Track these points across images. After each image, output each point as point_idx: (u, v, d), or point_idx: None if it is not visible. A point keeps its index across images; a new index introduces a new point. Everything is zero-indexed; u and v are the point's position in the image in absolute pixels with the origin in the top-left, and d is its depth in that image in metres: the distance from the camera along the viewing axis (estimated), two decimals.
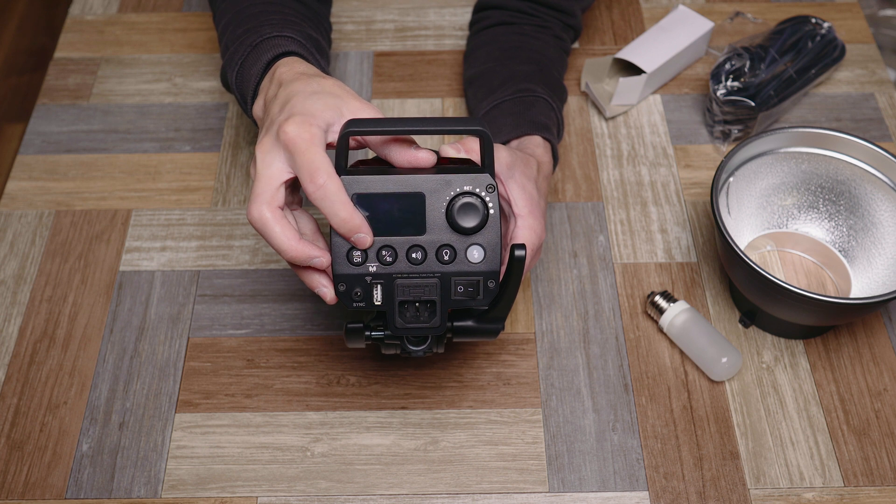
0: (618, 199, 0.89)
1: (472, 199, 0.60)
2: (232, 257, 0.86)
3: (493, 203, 0.60)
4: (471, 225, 0.60)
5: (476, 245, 0.60)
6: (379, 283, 0.60)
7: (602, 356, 0.79)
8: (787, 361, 0.79)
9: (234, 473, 0.73)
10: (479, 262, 0.61)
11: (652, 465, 0.73)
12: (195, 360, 0.79)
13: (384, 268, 0.60)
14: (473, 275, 0.61)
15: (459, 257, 0.60)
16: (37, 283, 0.84)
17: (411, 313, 0.61)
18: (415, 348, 0.64)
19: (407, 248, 0.60)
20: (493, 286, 0.61)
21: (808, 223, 0.84)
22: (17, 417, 0.76)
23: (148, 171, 0.92)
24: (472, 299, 0.61)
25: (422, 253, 0.60)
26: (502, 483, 0.72)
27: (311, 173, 0.58)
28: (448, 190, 0.60)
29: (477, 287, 0.61)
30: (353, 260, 0.60)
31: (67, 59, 1.03)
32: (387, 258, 0.60)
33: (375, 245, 0.60)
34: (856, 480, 0.72)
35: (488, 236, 0.60)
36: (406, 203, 0.60)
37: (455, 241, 0.60)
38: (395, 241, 0.60)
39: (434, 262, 0.60)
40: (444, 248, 0.60)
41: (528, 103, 0.81)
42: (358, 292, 0.60)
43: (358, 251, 0.60)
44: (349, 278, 0.60)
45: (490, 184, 0.60)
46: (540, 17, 0.90)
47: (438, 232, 0.60)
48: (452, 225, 0.60)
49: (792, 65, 0.93)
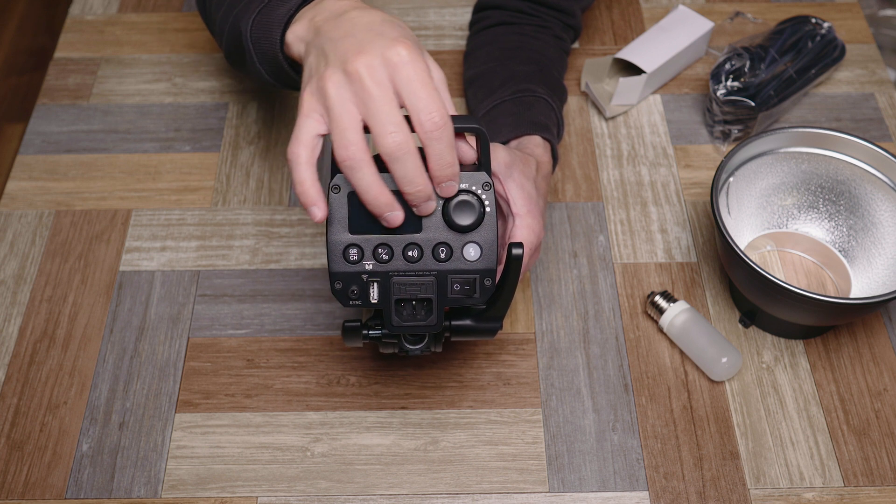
0: (618, 199, 0.89)
1: (469, 198, 0.60)
2: (232, 257, 0.86)
3: (489, 201, 0.60)
4: (467, 223, 0.60)
5: (472, 243, 0.60)
6: (375, 281, 0.60)
7: (602, 356, 0.79)
8: (787, 361, 0.79)
9: (234, 473, 0.73)
10: (476, 260, 0.60)
11: (652, 465, 0.73)
12: (195, 360, 0.79)
13: (380, 266, 0.60)
14: (470, 273, 0.61)
15: (456, 255, 0.60)
16: (37, 283, 0.84)
17: (408, 311, 0.61)
18: (412, 347, 0.64)
19: (403, 245, 0.60)
20: (489, 284, 0.61)
21: (808, 223, 0.84)
22: (17, 417, 0.76)
23: (148, 171, 0.92)
24: (468, 297, 0.61)
25: (418, 251, 0.60)
26: (502, 483, 0.72)
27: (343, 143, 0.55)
28: None
29: (473, 285, 0.61)
30: (349, 258, 0.60)
31: (67, 59, 1.03)
32: (383, 256, 0.60)
33: (372, 243, 0.60)
34: (856, 480, 0.72)
35: (485, 234, 0.60)
36: (402, 201, 0.60)
37: (451, 239, 0.60)
38: (391, 238, 0.60)
39: (430, 260, 0.60)
40: (440, 245, 0.60)
41: (528, 103, 0.81)
42: (354, 290, 0.60)
43: (354, 249, 0.60)
44: (345, 276, 0.60)
45: (486, 182, 0.60)
46: (540, 17, 0.90)
47: (435, 230, 0.60)
48: (449, 223, 0.60)
49: (792, 65, 0.93)
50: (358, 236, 0.60)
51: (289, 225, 0.88)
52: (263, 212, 0.89)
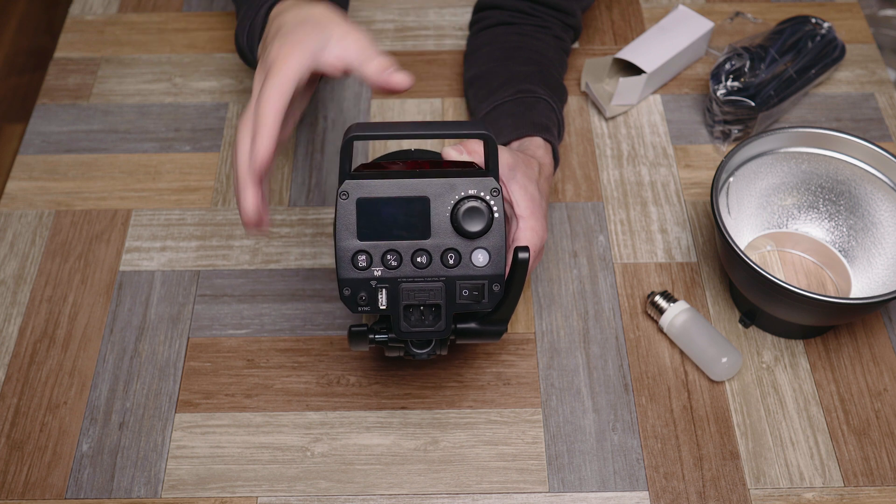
0: (618, 199, 0.89)
1: (478, 203, 0.60)
2: (232, 257, 0.86)
3: (497, 207, 0.60)
4: (476, 229, 0.60)
5: (481, 249, 0.60)
6: (384, 288, 0.60)
7: (602, 356, 0.79)
8: (787, 361, 0.79)
9: (234, 473, 0.73)
10: (484, 266, 0.60)
11: (652, 465, 0.73)
12: (195, 360, 0.79)
13: (389, 272, 0.60)
14: (478, 279, 0.61)
15: (464, 261, 0.60)
16: (37, 283, 0.84)
17: (416, 317, 0.61)
18: (419, 351, 0.64)
19: (412, 252, 0.60)
20: (497, 290, 0.61)
21: (808, 223, 0.84)
22: (17, 417, 0.76)
23: (148, 171, 0.92)
24: (476, 303, 0.61)
25: (426, 257, 0.60)
26: (502, 483, 0.72)
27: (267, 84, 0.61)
28: (453, 194, 0.60)
29: (482, 291, 0.61)
30: (357, 264, 0.60)
31: (67, 59, 1.03)
32: (392, 262, 0.60)
33: (380, 249, 0.60)
34: (856, 480, 0.72)
35: (493, 240, 0.60)
36: (411, 207, 0.60)
37: (460, 244, 0.60)
38: (399, 245, 0.60)
39: (439, 266, 0.60)
40: (448, 251, 0.60)
41: (529, 104, 0.81)
42: (363, 296, 0.60)
43: (363, 255, 0.60)
44: (354, 282, 0.60)
45: (495, 188, 0.60)
46: (540, 16, 0.90)
47: (443, 236, 0.60)
48: (457, 229, 0.60)
49: (792, 65, 0.93)
50: (367, 242, 0.60)
51: (289, 225, 0.88)
52: None
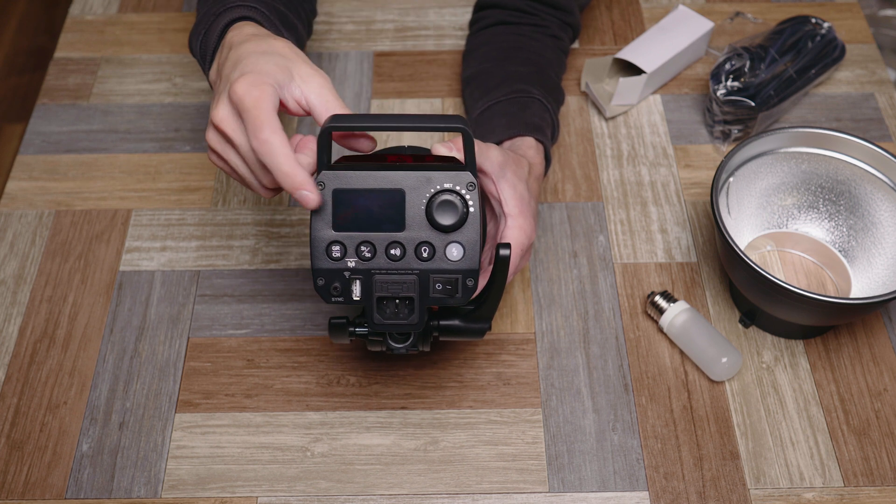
0: (618, 199, 0.89)
1: (452, 197, 0.60)
2: (232, 257, 0.86)
3: (473, 201, 0.60)
4: (450, 222, 0.60)
5: (455, 243, 0.60)
6: (357, 279, 0.60)
7: (602, 356, 0.79)
8: (787, 361, 0.79)
9: (234, 473, 0.73)
10: (459, 260, 0.60)
11: (652, 465, 0.73)
12: (195, 360, 0.79)
13: (363, 263, 0.60)
14: (452, 272, 0.61)
15: (438, 255, 0.60)
16: (37, 283, 0.84)
17: (391, 310, 0.61)
18: (397, 345, 0.64)
19: (386, 244, 0.60)
20: (471, 284, 0.61)
21: (808, 223, 0.84)
22: (17, 417, 0.76)
23: (148, 171, 0.92)
24: (450, 297, 0.61)
25: (401, 249, 0.60)
26: (502, 483, 0.72)
27: (255, 129, 0.59)
28: (428, 187, 0.60)
29: (455, 285, 0.61)
30: (332, 254, 0.60)
31: (67, 59, 1.03)
32: (365, 254, 0.60)
33: (355, 240, 0.60)
34: (856, 480, 0.72)
35: (468, 234, 0.60)
36: (386, 199, 0.60)
37: (434, 238, 0.60)
38: (374, 236, 0.60)
39: (413, 259, 0.60)
40: (423, 245, 0.60)
41: (523, 104, 0.81)
42: (336, 287, 0.60)
43: (337, 246, 0.60)
44: (328, 273, 0.60)
45: (471, 182, 0.60)
46: (538, 15, 0.90)
47: (418, 229, 0.60)
48: (432, 222, 0.60)
49: (792, 65, 0.93)
50: (341, 233, 0.60)
51: (289, 225, 0.88)
52: (263, 212, 0.89)
